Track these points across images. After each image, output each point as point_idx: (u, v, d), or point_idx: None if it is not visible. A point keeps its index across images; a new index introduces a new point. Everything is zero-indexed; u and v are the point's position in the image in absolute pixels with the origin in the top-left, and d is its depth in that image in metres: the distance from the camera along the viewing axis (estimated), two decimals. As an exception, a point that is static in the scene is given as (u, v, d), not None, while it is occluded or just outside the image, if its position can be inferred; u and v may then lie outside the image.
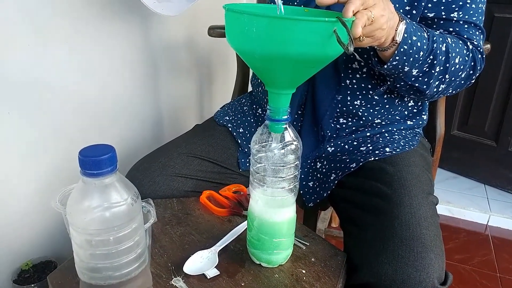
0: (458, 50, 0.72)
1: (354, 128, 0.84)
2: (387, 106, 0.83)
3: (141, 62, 1.12)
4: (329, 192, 0.80)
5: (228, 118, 0.94)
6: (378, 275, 0.61)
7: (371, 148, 0.80)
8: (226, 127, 0.93)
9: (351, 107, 0.82)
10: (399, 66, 0.68)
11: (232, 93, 1.21)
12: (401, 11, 0.73)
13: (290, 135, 0.58)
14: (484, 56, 0.77)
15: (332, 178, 0.80)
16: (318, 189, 0.83)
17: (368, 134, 0.84)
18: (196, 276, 0.61)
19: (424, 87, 0.73)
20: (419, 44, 0.66)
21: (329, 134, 0.85)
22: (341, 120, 0.84)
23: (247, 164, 0.89)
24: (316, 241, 0.70)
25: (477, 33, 0.77)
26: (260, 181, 0.60)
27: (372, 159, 0.77)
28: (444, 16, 0.75)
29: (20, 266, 0.88)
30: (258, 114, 0.95)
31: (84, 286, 0.48)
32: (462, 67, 0.73)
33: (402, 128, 0.86)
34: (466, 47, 0.74)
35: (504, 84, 1.81)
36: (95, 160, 0.43)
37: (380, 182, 0.72)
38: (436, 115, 1.02)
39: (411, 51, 0.66)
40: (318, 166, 0.85)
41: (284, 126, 0.57)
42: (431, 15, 0.76)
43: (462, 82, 0.77)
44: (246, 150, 0.90)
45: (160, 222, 0.73)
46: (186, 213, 0.77)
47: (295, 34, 0.48)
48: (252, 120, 0.94)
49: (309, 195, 0.84)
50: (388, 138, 0.83)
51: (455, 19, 0.75)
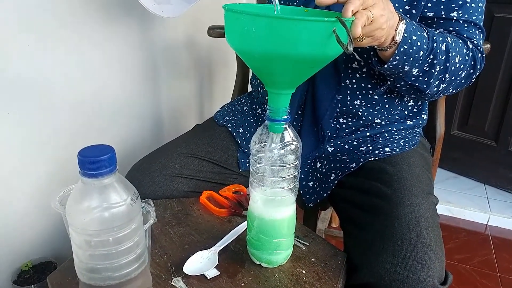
0: (458, 49, 0.72)
1: (354, 128, 0.84)
2: (387, 106, 0.83)
3: (141, 63, 1.12)
4: (329, 192, 0.80)
5: (228, 118, 0.94)
6: (378, 275, 0.61)
7: (371, 148, 0.80)
8: (226, 127, 0.93)
9: (351, 107, 0.82)
10: (399, 66, 0.68)
11: (232, 93, 1.21)
12: (400, 10, 0.73)
13: (290, 135, 0.58)
14: (484, 55, 0.77)
15: (332, 178, 0.80)
16: (318, 189, 0.83)
17: (368, 134, 0.84)
18: (196, 277, 0.61)
19: (424, 86, 0.73)
20: (419, 43, 0.66)
21: (329, 134, 0.85)
22: (341, 120, 0.84)
23: (247, 164, 0.89)
24: (316, 241, 0.70)
25: (477, 32, 0.76)
26: (260, 181, 0.59)
27: (372, 159, 0.77)
28: (443, 16, 0.75)
29: (20, 266, 0.88)
30: (258, 114, 0.95)
31: (84, 286, 0.48)
32: (462, 67, 0.73)
33: (402, 128, 0.86)
34: (466, 46, 0.74)
35: (504, 84, 1.81)
36: (95, 161, 0.43)
37: (380, 182, 0.72)
38: (436, 115, 1.02)
39: (411, 50, 0.66)
40: (318, 166, 0.84)
41: (284, 126, 0.57)
42: (430, 14, 0.76)
43: (462, 81, 0.77)
44: (246, 150, 0.89)
45: (160, 222, 0.73)
46: (186, 213, 0.77)
47: (294, 34, 0.48)
48: (252, 120, 0.94)
49: (309, 195, 0.84)
50: (388, 138, 0.83)
51: (455, 18, 0.75)
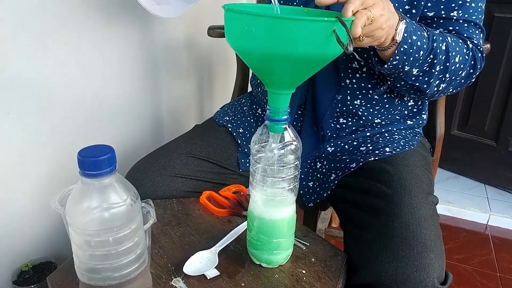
0: (458, 49, 0.72)
1: (354, 128, 0.84)
2: (387, 106, 0.83)
3: (141, 63, 1.12)
4: (329, 192, 0.80)
5: (228, 118, 0.94)
6: (378, 275, 0.61)
7: (371, 148, 0.80)
8: (226, 127, 0.92)
9: (351, 107, 0.81)
10: (399, 66, 0.68)
11: (232, 93, 1.21)
12: (400, 10, 0.73)
13: (290, 135, 0.58)
14: (484, 55, 0.77)
15: (332, 178, 0.80)
16: (318, 189, 0.83)
17: (368, 134, 0.84)
18: (196, 277, 0.61)
19: (425, 86, 0.73)
20: (419, 43, 0.66)
21: (329, 134, 0.84)
22: (341, 120, 0.84)
23: (247, 165, 0.89)
24: (316, 241, 0.70)
25: (477, 32, 0.76)
26: (260, 181, 0.59)
27: (372, 159, 0.77)
28: (443, 15, 0.75)
29: (20, 267, 0.88)
30: (258, 114, 0.94)
31: (84, 287, 0.48)
32: (462, 66, 0.73)
33: (402, 128, 0.86)
34: (466, 46, 0.74)
35: (504, 84, 1.81)
36: (94, 161, 0.43)
37: (380, 182, 0.72)
38: (436, 115, 1.02)
39: (411, 50, 0.66)
40: (318, 166, 0.84)
41: (284, 126, 0.57)
42: (430, 14, 0.76)
43: (463, 81, 0.77)
44: (246, 150, 0.89)
45: (160, 222, 0.73)
46: (186, 213, 0.77)
47: (294, 34, 0.48)
48: (252, 120, 0.94)
49: (309, 195, 0.84)
50: (388, 138, 0.83)
51: (454, 18, 0.75)
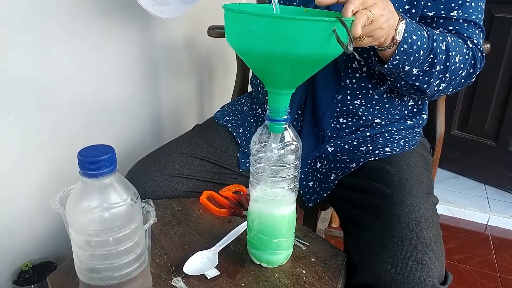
0: (458, 48, 0.72)
1: (354, 128, 0.84)
2: (387, 106, 0.83)
3: (141, 63, 1.12)
4: (329, 192, 0.80)
5: (228, 118, 0.94)
6: (378, 275, 0.61)
7: (371, 148, 0.80)
8: (226, 127, 0.92)
9: (351, 107, 0.81)
10: (400, 66, 0.68)
11: (232, 93, 1.21)
12: (400, 10, 0.73)
13: (290, 135, 0.58)
14: (484, 54, 0.77)
15: (332, 178, 0.80)
16: (318, 189, 0.83)
17: (368, 134, 0.84)
18: (196, 277, 0.61)
19: (425, 86, 0.73)
20: (419, 43, 0.66)
21: (329, 134, 0.84)
22: (341, 120, 0.84)
23: (247, 164, 0.89)
24: (316, 241, 0.70)
25: (476, 31, 0.76)
26: (260, 181, 0.59)
27: (372, 159, 0.77)
28: (443, 15, 0.75)
29: (20, 266, 0.88)
30: (258, 114, 0.94)
31: (84, 286, 0.48)
32: (462, 66, 0.73)
33: (402, 128, 0.86)
34: (466, 45, 0.74)
35: (504, 84, 1.81)
36: (95, 161, 0.43)
37: (380, 182, 0.72)
38: (436, 115, 1.02)
39: (411, 50, 0.66)
40: (318, 166, 0.84)
41: (284, 126, 0.57)
42: (430, 14, 0.76)
43: (463, 80, 0.77)
44: (246, 150, 0.89)
45: (160, 222, 0.73)
46: (186, 213, 0.77)
47: (294, 33, 0.48)
48: (252, 120, 0.94)
49: (309, 195, 0.84)
50: (388, 138, 0.83)
51: (454, 17, 0.75)
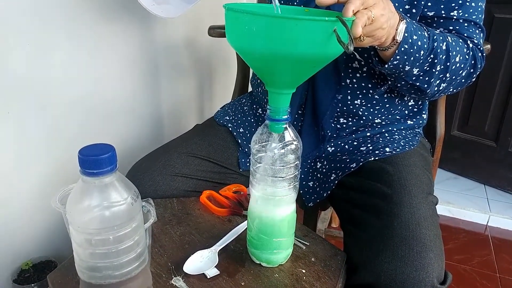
0: (458, 48, 0.72)
1: (354, 128, 0.84)
2: (387, 106, 0.83)
3: (141, 62, 1.12)
4: (329, 192, 0.80)
5: (228, 118, 0.94)
6: (377, 275, 0.61)
7: (371, 148, 0.80)
8: (226, 127, 0.93)
9: (351, 107, 0.82)
10: (400, 66, 0.68)
11: (232, 93, 1.21)
12: (400, 10, 0.73)
13: (290, 134, 0.58)
14: (484, 54, 0.77)
15: (332, 178, 0.80)
16: (318, 189, 0.83)
17: (368, 134, 0.84)
18: (196, 276, 0.61)
19: (425, 86, 0.73)
20: (419, 43, 0.66)
21: (329, 134, 0.85)
22: (341, 120, 0.84)
23: (247, 164, 0.89)
24: (316, 241, 0.70)
25: (477, 31, 0.77)
26: (260, 180, 0.59)
27: (372, 159, 0.77)
28: (444, 15, 0.75)
29: (20, 265, 0.88)
30: (258, 114, 0.95)
31: (84, 285, 0.48)
32: (462, 66, 0.73)
33: (402, 128, 0.86)
34: (466, 45, 0.74)
35: (504, 84, 1.81)
36: (95, 159, 0.43)
37: (380, 182, 0.72)
38: (436, 115, 1.02)
39: (411, 50, 0.66)
40: (318, 166, 0.84)
41: (284, 126, 0.57)
42: (431, 13, 0.76)
43: (463, 80, 0.77)
44: (246, 150, 0.90)
45: (160, 221, 0.73)
46: (186, 212, 0.77)
47: (295, 33, 0.48)
48: (252, 120, 0.94)
49: (309, 195, 0.84)
50: (388, 138, 0.83)
51: (455, 17, 0.75)
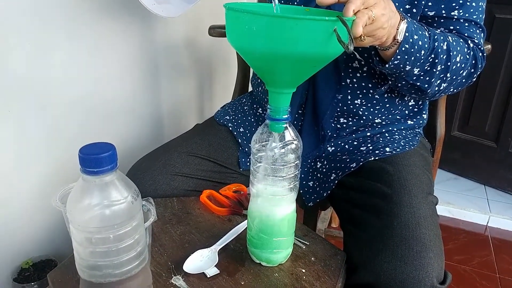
0: (459, 48, 0.72)
1: (354, 128, 0.84)
2: (387, 105, 0.83)
3: (141, 62, 1.12)
4: (329, 192, 0.80)
5: (228, 118, 0.94)
6: (377, 274, 0.61)
7: (371, 148, 0.80)
8: (226, 126, 0.93)
9: (351, 106, 0.82)
10: (401, 65, 0.68)
11: (233, 92, 1.21)
12: (401, 9, 0.73)
13: (290, 134, 0.58)
14: (485, 54, 0.77)
15: (332, 178, 0.80)
16: (318, 188, 0.83)
17: (368, 134, 0.84)
18: (196, 275, 0.61)
19: (426, 86, 0.73)
20: (420, 43, 0.66)
21: (329, 133, 0.85)
22: (341, 119, 0.84)
23: (248, 164, 0.89)
24: (316, 240, 0.70)
25: (477, 31, 0.77)
26: (260, 180, 0.60)
27: (372, 159, 0.77)
28: (444, 15, 0.75)
29: (20, 264, 0.88)
30: (258, 113, 0.95)
31: (84, 284, 0.48)
32: (463, 66, 0.73)
33: (403, 128, 0.86)
34: (467, 45, 0.74)
35: (504, 85, 1.81)
36: (96, 158, 0.43)
37: (380, 182, 0.72)
38: (436, 115, 1.02)
39: (412, 50, 0.66)
40: (318, 166, 0.84)
41: (285, 125, 0.57)
42: (431, 13, 0.76)
43: (463, 80, 0.77)
44: (247, 149, 0.90)
45: (160, 221, 0.73)
46: (186, 212, 0.77)
47: (295, 33, 0.48)
48: (252, 119, 0.94)
49: (308, 195, 0.84)
50: (388, 138, 0.83)
51: (455, 17, 0.75)
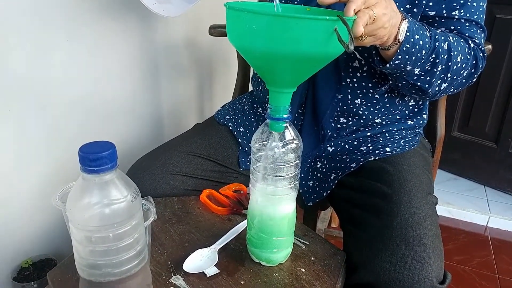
0: (460, 48, 0.72)
1: (354, 127, 0.84)
2: (387, 105, 0.83)
3: (142, 62, 1.12)
4: (328, 191, 0.80)
5: (228, 117, 0.94)
6: (377, 274, 0.61)
7: (371, 147, 0.80)
8: (226, 126, 0.93)
9: (351, 106, 0.81)
10: (401, 65, 0.68)
11: (233, 92, 1.21)
12: (401, 9, 0.73)
13: (290, 133, 0.58)
14: (485, 54, 0.77)
15: (332, 177, 0.80)
16: (318, 188, 0.83)
17: (368, 134, 0.84)
18: (196, 274, 0.61)
19: (426, 86, 0.73)
20: (421, 42, 0.66)
21: (329, 133, 0.84)
22: (341, 119, 0.84)
23: (248, 163, 0.89)
24: (316, 240, 0.70)
25: (478, 31, 0.77)
26: (260, 179, 0.59)
27: (372, 158, 0.77)
28: (445, 15, 0.75)
29: (20, 263, 0.88)
30: (258, 113, 0.95)
31: (84, 283, 0.48)
32: (464, 66, 0.73)
33: (403, 128, 0.86)
34: (467, 45, 0.74)
35: (505, 85, 1.81)
36: (95, 157, 0.43)
37: (380, 182, 0.72)
38: (436, 116, 1.02)
39: (413, 50, 0.66)
40: (318, 166, 0.84)
41: (285, 125, 0.57)
42: (432, 13, 0.76)
43: (464, 80, 0.77)
44: (247, 149, 0.89)
45: (160, 220, 0.73)
46: (186, 211, 0.77)
47: (296, 32, 0.48)
48: (252, 119, 0.94)
49: (308, 195, 0.84)
50: (388, 138, 0.83)
51: (456, 17, 0.75)
